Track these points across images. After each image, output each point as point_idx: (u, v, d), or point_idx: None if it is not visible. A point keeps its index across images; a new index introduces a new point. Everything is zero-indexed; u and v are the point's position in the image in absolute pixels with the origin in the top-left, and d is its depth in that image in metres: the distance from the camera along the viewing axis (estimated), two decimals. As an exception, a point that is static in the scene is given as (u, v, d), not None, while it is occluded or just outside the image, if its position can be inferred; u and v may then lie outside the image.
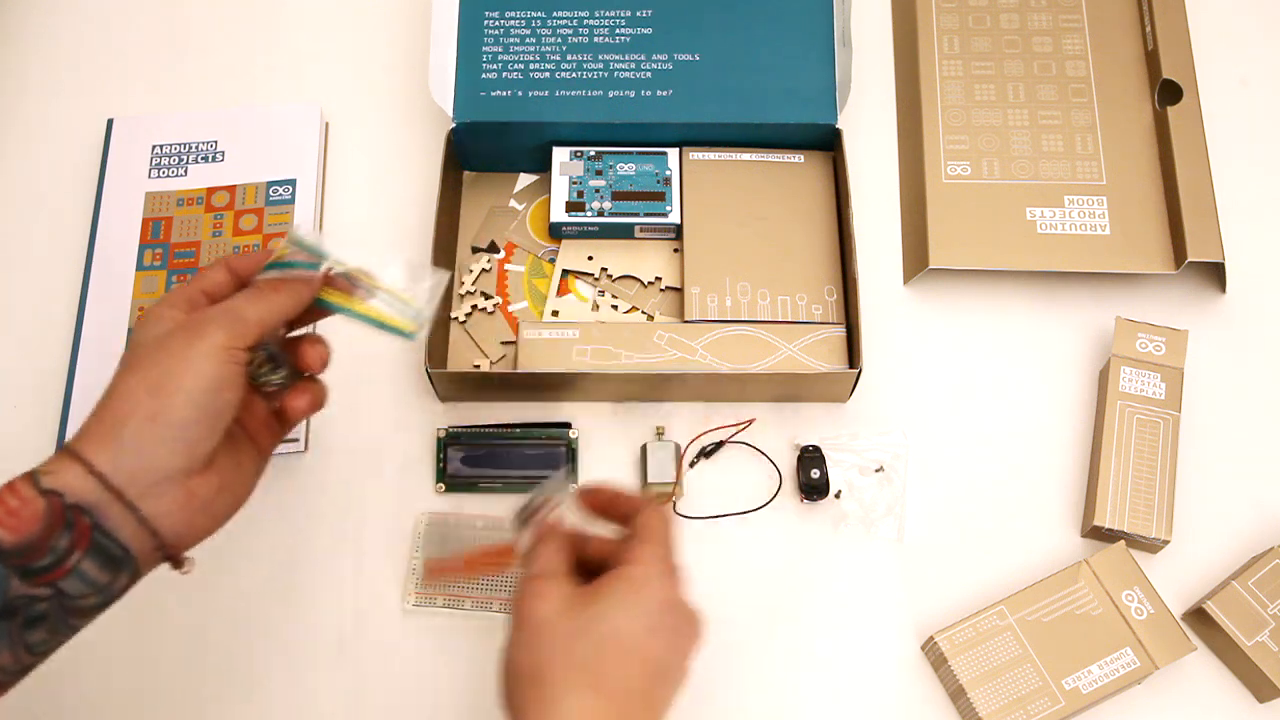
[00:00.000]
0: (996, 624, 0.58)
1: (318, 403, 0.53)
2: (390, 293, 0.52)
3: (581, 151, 0.70)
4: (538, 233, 0.70)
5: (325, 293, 0.52)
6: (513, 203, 0.72)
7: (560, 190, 0.69)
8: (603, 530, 0.51)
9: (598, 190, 0.69)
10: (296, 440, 0.64)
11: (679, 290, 0.68)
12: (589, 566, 0.49)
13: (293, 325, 0.52)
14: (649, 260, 0.69)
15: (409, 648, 0.61)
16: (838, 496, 0.64)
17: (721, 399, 0.66)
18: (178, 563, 0.47)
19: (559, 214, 0.68)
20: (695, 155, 0.70)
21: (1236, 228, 0.69)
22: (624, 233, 0.69)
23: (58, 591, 0.44)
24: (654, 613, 0.46)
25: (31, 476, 0.44)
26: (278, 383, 0.51)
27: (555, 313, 0.68)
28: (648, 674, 0.45)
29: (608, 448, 0.65)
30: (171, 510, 0.45)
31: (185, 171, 0.71)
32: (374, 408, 0.67)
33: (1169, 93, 0.70)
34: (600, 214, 0.68)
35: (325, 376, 0.67)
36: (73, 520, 0.43)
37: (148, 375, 0.45)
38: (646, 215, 0.68)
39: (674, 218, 0.68)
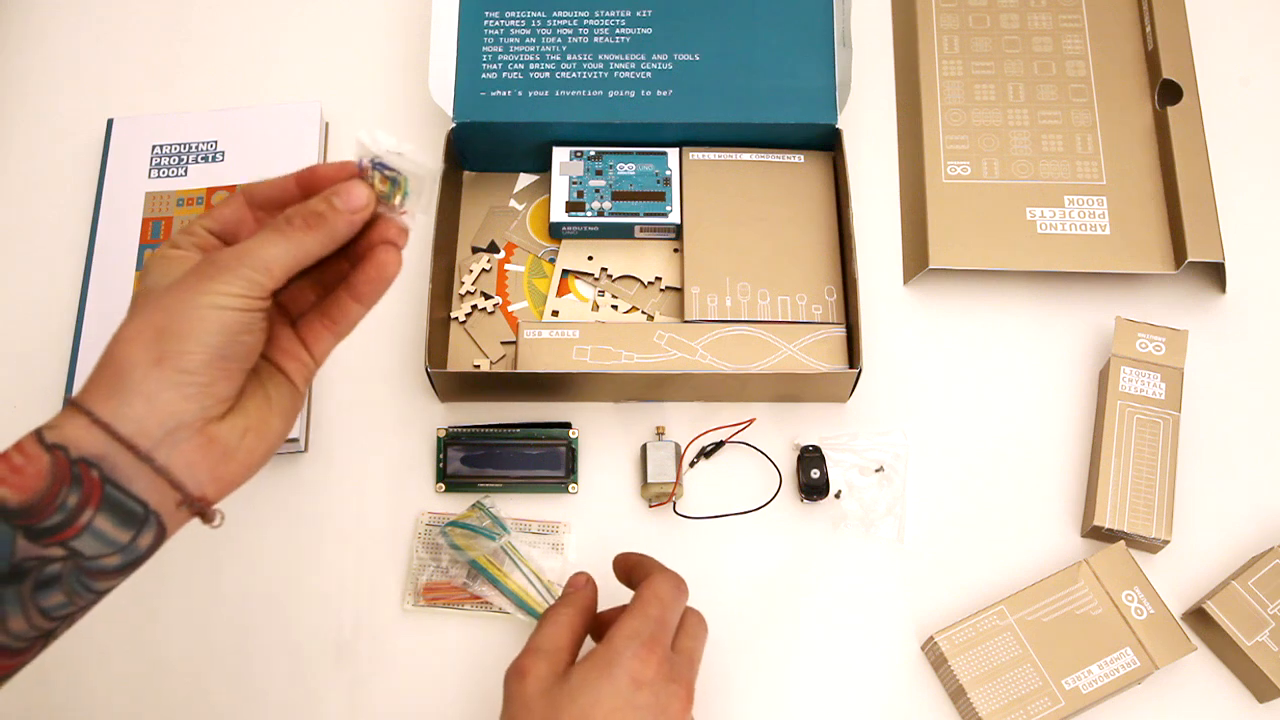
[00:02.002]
0: (996, 624, 0.58)
1: (389, 266, 0.45)
2: (535, 574, 0.60)
3: (581, 151, 0.70)
4: (538, 233, 0.70)
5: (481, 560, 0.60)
6: (513, 203, 0.72)
7: (560, 190, 0.69)
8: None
9: (598, 190, 0.69)
10: (296, 440, 0.64)
11: (679, 290, 0.68)
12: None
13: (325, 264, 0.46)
14: (649, 260, 0.69)
15: (409, 648, 0.61)
16: (838, 496, 0.64)
17: (721, 399, 0.66)
18: (206, 516, 0.43)
19: (559, 214, 0.68)
20: (695, 155, 0.70)
21: (1236, 228, 0.69)
22: (624, 233, 0.69)
23: (72, 552, 0.40)
24: (623, 692, 0.45)
25: (36, 433, 0.41)
26: (399, 206, 0.44)
27: (555, 313, 0.68)
28: None
29: (608, 448, 0.65)
30: (192, 460, 0.41)
31: (185, 171, 0.71)
32: (374, 408, 0.67)
33: (1169, 93, 0.70)
34: (600, 214, 0.68)
35: (326, 376, 0.68)
36: (79, 475, 0.40)
37: (152, 319, 0.41)
38: (646, 215, 0.68)
39: (674, 218, 0.68)
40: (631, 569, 0.52)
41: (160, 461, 0.41)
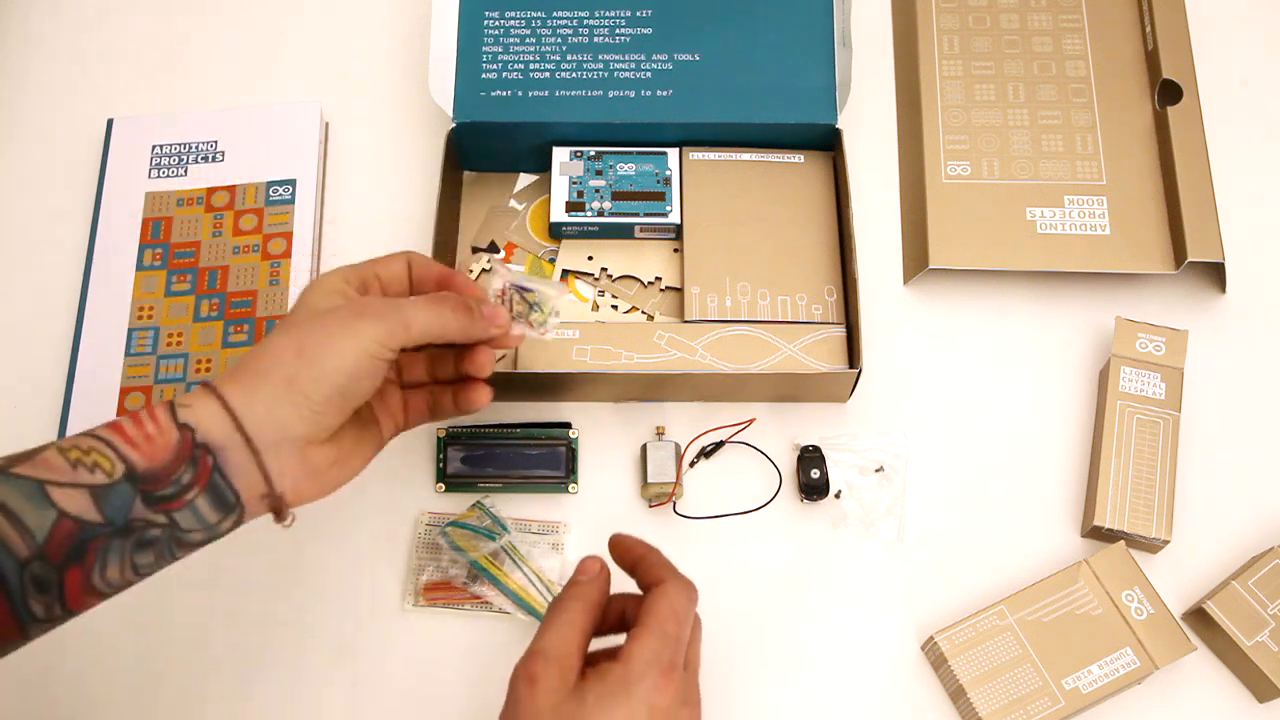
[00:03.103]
0: (996, 624, 0.58)
1: (483, 398, 0.55)
2: (536, 574, 0.60)
3: (581, 151, 0.70)
4: (538, 233, 0.70)
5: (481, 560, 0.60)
6: (513, 203, 0.72)
7: (560, 190, 0.69)
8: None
9: (598, 190, 0.69)
10: (296, 440, 0.64)
11: (679, 290, 0.68)
12: (619, 623, 0.49)
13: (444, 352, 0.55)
14: (649, 260, 0.69)
15: (409, 648, 0.61)
16: (838, 496, 0.64)
17: (721, 399, 0.66)
18: (280, 515, 0.48)
19: (559, 214, 0.68)
20: (695, 155, 0.70)
21: (1236, 228, 0.69)
22: (624, 233, 0.69)
23: (172, 521, 0.45)
24: (641, 714, 0.44)
25: (170, 406, 0.45)
26: (540, 324, 0.54)
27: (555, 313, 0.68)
28: None
29: (608, 448, 0.65)
30: (285, 469, 0.46)
31: (185, 171, 0.71)
32: (374, 408, 0.67)
33: (1169, 93, 0.70)
34: (600, 214, 0.68)
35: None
36: (198, 458, 0.45)
37: (297, 340, 0.47)
38: (646, 215, 0.68)
39: (674, 218, 0.68)
40: (637, 565, 0.49)
41: (266, 463, 0.46)
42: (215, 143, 0.72)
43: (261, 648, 0.61)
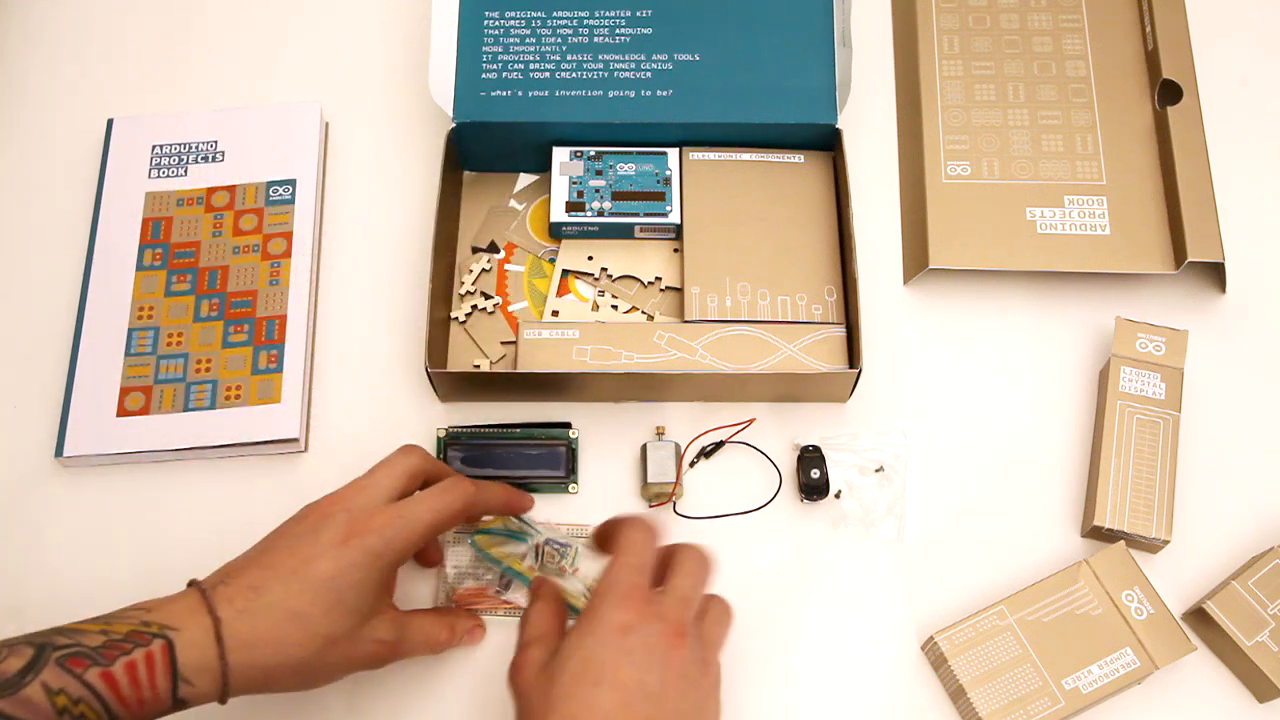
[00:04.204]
0: (996, 624, 0.58)
1: (458, 635, 0.57)
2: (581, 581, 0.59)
3: (581, 151, 0.70)
4: (538, 233, 0.70)
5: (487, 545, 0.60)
6: (513, 203, 0.72)
7: (560, 190, 0.69)
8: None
9: (598, 190, 0.69)
10: (296, 440, 0.64)
11: (679, 290, 0.68)
12: None
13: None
14: (649, 260, 0.69)
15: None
16: (838, 496, 0.64)
17: (721, 399, 0.66)
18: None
19: (559, 214, 0.68)
20: (695, 155, 0.70)
21: (1236, 228, 0.69)
22: (624, 233, 0.69)
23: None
24: (611, 642, 0.45)
25: (173, 674, 0.46)
26: (570, 567, 0.58)
27: (555, 313, 0.68)
28: (624, 702, 0.44)
29: (608, 448, 0.65)
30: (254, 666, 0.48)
31: (185, 171, 0.71)
32: (374, 408, 0.67)
33: (1169, 93, 0.70)
34: (600, 214, 0.68)
35: (326, 376, 0.68)
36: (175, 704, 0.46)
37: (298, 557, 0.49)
38: (646, 215, 0.68)
39: (674, 218, 0.68)
40: (603, 535, 0.53)
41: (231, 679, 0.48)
42: (215, 143, 0.72)
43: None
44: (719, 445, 0.65)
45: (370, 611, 0.50)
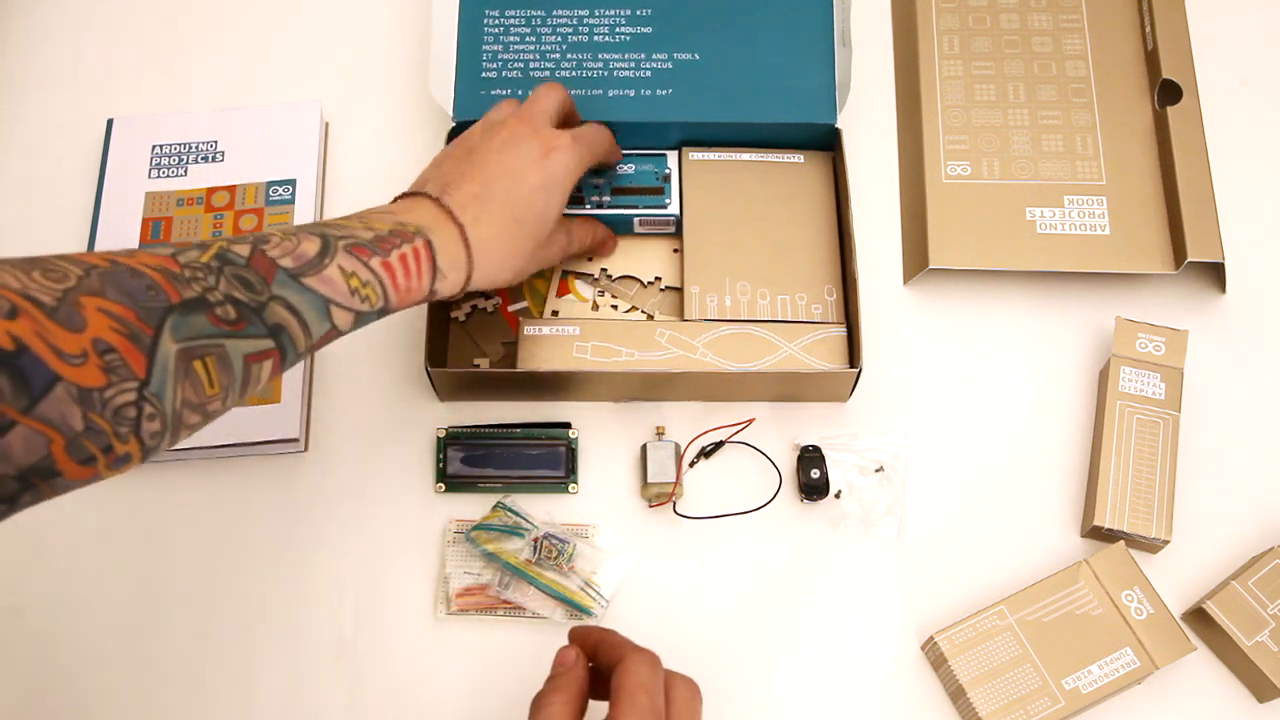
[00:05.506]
0: (996, 624, 0.58)
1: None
2: (585, 579, 0.61)
3: (581, 151, 0.70)
4: (538, 232, 0.70)
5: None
6: (513, 202, 0.71)
7: (560, 190, 0.69)
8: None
9: (597, 187, 0.69)
10: (296, 440, 0.64)
11: (679, 290, 0.68)
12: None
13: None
14: (649, 260, 0.69)
15: (407, 648, 0.61)
16: (838, 496, 0.64)
17: (721, 398, 0.66)
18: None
19: (559, 214, 0.68)
20: (695, 155, 0.70)
21: (1236, 228, 0.69)
22: (624, 227, 0.69)
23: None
24: None
25: (433, 264, 0.52)
26: (567, 563, 0.61)
27: (555, 312, 0.68)
28: None
29: (608, 448, 0.65)
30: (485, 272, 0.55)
31: (185, 171, 0.71)
32: (374, 408, 0.67)
33: (1169, 93, 0.70)
34: (599, 206, 0.68)
35: (326, 376, 0.68)
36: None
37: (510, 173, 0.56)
38: (645, 209, 0.68)
39: (673, 209, 0.68)
40: (597, 649, 0.48)
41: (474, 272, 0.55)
42: (215, 143, 0.72)
43: (260, 648, 0.61)
44: (719, 445, 0.65)
45: (557, 217, 0.58)
